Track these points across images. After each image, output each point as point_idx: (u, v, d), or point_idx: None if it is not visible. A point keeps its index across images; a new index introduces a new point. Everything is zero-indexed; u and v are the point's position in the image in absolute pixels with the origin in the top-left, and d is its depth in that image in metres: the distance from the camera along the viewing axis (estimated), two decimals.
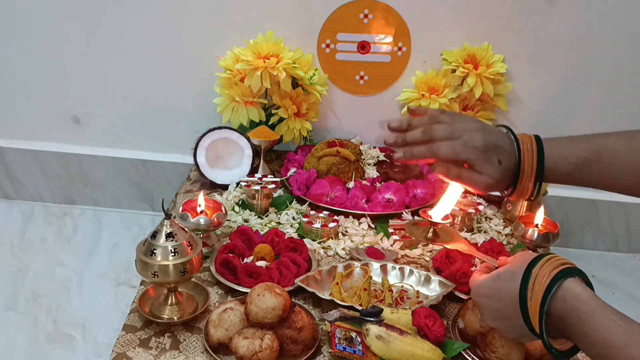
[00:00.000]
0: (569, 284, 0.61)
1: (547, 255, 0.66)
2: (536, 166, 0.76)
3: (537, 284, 0.62)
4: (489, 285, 0.69)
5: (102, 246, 1.34)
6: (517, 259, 0.69)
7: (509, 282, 0.66)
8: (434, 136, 0.79)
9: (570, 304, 0.60)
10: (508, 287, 0.66)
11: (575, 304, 0.60)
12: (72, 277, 1.23)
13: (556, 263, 0.63)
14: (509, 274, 0.67)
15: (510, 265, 0.69)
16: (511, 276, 0.66)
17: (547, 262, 0.64)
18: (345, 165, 1.21)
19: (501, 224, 1.16)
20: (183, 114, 1.42)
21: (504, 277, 0.68)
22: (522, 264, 0.66)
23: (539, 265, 0.64)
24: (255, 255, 0.95)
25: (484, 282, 0.70)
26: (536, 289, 0.62)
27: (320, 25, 1.32)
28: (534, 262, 0.65)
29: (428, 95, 1.31)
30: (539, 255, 0.66)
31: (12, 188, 1.50)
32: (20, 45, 1.36)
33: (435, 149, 0.78)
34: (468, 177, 0.78)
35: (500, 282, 0.68)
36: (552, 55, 1.32)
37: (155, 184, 1.48)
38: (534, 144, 0.78)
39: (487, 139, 0.77)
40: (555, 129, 1.38)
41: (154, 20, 1.32)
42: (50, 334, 1.08)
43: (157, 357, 0.77)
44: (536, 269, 0.64)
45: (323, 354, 0.78)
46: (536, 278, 0.63)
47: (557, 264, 0.63)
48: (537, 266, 0.64)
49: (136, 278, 0.91)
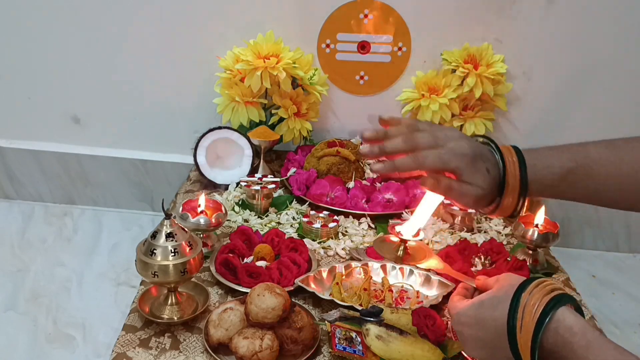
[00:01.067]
0: (561, 314, 0.57)
1: (536, 279, 0.62)
2: (519, 177, 0.70)
3: (527, 314, 0.58)
4: (471, 314, 0.65)
5: (102, 246, 1.34)
6: (502, 284, 0.64)
7: (493, 310, 0.62)
8: (417, 145, 0.70)
9: (563, 336, 0.56)
10: (492, 315, 0.62)
11: (569, 336, 0.56)
12: (72, 277, 1.23)
13: (546, 289, 0.60)
14: (494, 300, 0.63)
15: (494, 292, 0.64)
16: (496, 303, 0.62)
17: (537, 287, 0.60)
18: (345, 165, 1.22)
19: (501, 224, 1.16)
20: (183, 114, 1.42)
21: (487, 304, 0.63)
22: (507, 289, 0.62)
23: (527, 291, 0.60)
24: (255, 255, 0.95)
25: (466, 310, 0.66)
26: (526, 319, 0.58)
27: (320, 25, 1.32)
28: (522, 288, 0.61)
29: (428, 95, 1.31)
30: (526, 280, 0.62)
31: (12, 188, 1.50)
32: (20, 45, 1.36)
33: (421, 158, 0.69)
34: (458, 188, 0.70)
35: (484, 309, 0.63)
36: (552, 55, 1.32)
37: (155, 184, 1.48)
38: (514, 154, 0.71)
39: (474, 147, 0.70)
40: (555, 129, 1.39)
41: (154, 21, 1.32)
42: (50, 334, 1.08)
43: (157, 357, 0.77)
44: (525, 294, 0.60)
45: (323, 354, 0.78)
46: (525, 306, 0.59)
47: (547, 290, 0.59)
48: (527, 292, 0.60)
49: (136, 278, 0.91)
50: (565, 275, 1.02)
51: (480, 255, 0.99)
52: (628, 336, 1.14)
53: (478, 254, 0.99)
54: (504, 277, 0.66)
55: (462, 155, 0.69)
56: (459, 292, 0.72)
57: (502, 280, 0.65)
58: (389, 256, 0.76)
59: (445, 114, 1.30)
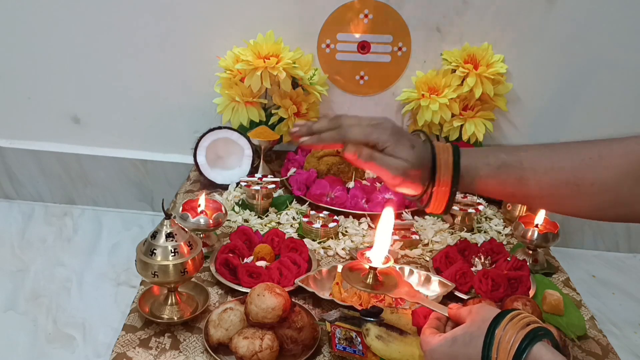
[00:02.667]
0: (537, 351, 0.55)
1: (510, 313, 0.59)
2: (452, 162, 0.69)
3: (502, 351, 0.56)
4: (444, 351, 0.62)
5: (102, 246, 1.34)
6: (474, 318, 0.62)
7: (466, 347, 0.60)
8: (342, 123, 0.73)
9: None
10: (466, 352, 0.60)
11: None
12: (72, 277, 1.23)
13: (521, 324, 0.58)
14: (467, 337, 0.60)
15: (467, 326, 0.62)
16: (469, 340, 0.60)
17: (511, 322, 0.58)
18: (345, 165, 1.22)
19: (501, 224, 1.16)
20: (183, 114, 1.42)
21: (460, 340, 0.61)
22: (479, 325, 0.60)
23: (501, 327, 0.58)
24: (255, 255, 0.95)
25: (438, 346, 0.63)
26: (501, 356, 0.56)
27: (320, 25, 1.32)
28: (496, 323, 0.59)
29: (428, 95, 1.31)
30: (500, 313, 0.60)
31: (12, 188, 1.50)
32: (20, 45, 1.36)
33: (343, 132, 0.72)
34: (380, 158, 0.70)
35: (457, 346, 0.61)
36: (552, 55, 1.32)
37: (155, 184, 1.48)
38: (449, 146, 0.71)
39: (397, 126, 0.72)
40: (555, 129, 1.39)
41: (154, 20, 1.32)
42: (50, 334, 1.08)
43: (157, 357, 0.77)
44: (499, 330, 0.58)
45: (323, 354, 0.78)
46: (500, 343, 0.57)
47: (522, 325, 0.57)
48: (500, 327, 0.58)
49: (136, 278, 0.91)
50: (565, 275, 1.02)
51: (480, 255, 0.99)
52: (628, 336, 1.14)
53: (478, 254, 0.99)
54: (477, 309, 0.63)
55: (384, 129, 0.71)
56: (431, 324, 0.69)
57: (475, 314, 0.62)
58: (359, 285, 0.73)
59: (445, 114, 1.30)
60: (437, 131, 1.37)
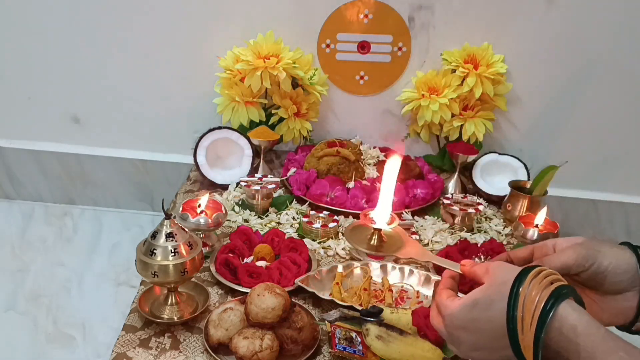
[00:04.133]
0: (563, 311, 0.53)
1: (533, 269, 0.57)
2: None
3: (527, 312, 0.54)
4: (465, 316, 0.59)
5: (102, 246, 1.34)
6: (494, 279, 0.59)
7: (488, 310, 0.57)
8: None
9: (567, 337, 0.52)
10: (488, 315, 0.57)
11: (573, 336, 0.52)
12: (72, 277, 1.23)
13: (545, 282, 0.55)
14: (488, 300, 0.58)
15: (487, 288, 0.59)
16: (490, 303, 0.57)
17: (535, 279, 0.55)
18: (345, 165, 1.22)
19: (501, 224, 1.16)
20: (183, 114, 1.42)
21: (482, 304, 0.58)
22: (500, 287, 0.57)
23: (525, 285, 0.55)
24: (255, 255, 0.95)
25: (459, 312, 0.60)
26: (527, 319, 0.54)
27: (320, 25, 1.32)
28: (519, 282, 0.56)
29: (428, 95, 1.31)
30: (522, 271, 0.57)
31: (12, 188, 1.50)
32: (20, 45, 1.36)
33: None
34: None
35: (478, 310, 0.58)
36: (552, 55, 1.32)
37: (155, 184, 1.48)
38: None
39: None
40: (555, 129, 1.39)
41: (154, 20, 1.32)
42: (50, 334, 1.08)
43: (157, 357, 0.77)
44: (523, 289, 0.55)
45: (323, 354, 0.78)
46: (524, 304, 0.54)
47: (546, 283, 0.55)
48: (524, 286, 0.55)
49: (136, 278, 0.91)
50: None
51: (480, 255, 0.99)
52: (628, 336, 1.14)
53: (478, 254, 0.99)
54: (494, 268, 0.60)
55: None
56: (446, 285, 0.66)
57: (493, 274, 0.59)
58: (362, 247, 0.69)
59: (445, 114, 1.30)
60: (437, 131, 1.37)
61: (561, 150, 1.39)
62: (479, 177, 1.28)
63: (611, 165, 1.42)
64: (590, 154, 1.41)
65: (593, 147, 1.40)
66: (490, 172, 1.30)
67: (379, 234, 0.69)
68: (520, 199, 1.15)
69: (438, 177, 1.26)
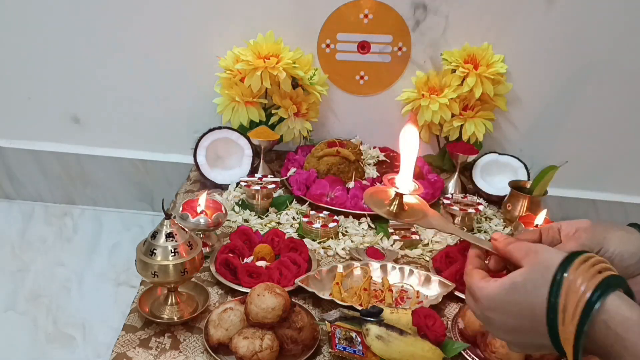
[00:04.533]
0: (612, 303, 0.48)
1: (579, 255, 0.52)
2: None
3: (571, 301, 0.49)
4: (502, 299, 0.55)
5: (102, 246, 1.34)
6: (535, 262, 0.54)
7: (528, 295, 0.53)
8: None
9: (614, 331, 0.48)
10: (528, 300, 0.53)
11: (621, 331, 0.48)
12: (72, 277, 1.23)
13: (593, 270, 0.50)
14: (529, 284, 0.53)
15: (527, 272, 0.54)
16: (532, 288, 0.53)
17: (582, 265, 0.51)
18: (345, 165, 1.22)
19: (501, 224, 1.16)
20: (183, 114, 1.42)
21: (521, 288, 0.54)
22: (543, 270, 0.52)
23: (571, 271, 0.50)
24: (255, 255, 0.95)
25: (495, 294, 0.56)
26: (569, 310, 0.49)
27: (320, 25, 1.32)
28: (563, 268, 0.51)
29: (428, 95, 1.31)
30: (568, 256, 0.52)
31: (12, 188, 1.50)
32: (20, 45, 1.36)
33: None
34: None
35: (518, 294, 0.54)
36: (552, 55, 1.32)
37: (155, 184, 1.48)
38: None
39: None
40: (555, 129, 1.39)
41: (154, 20, 1.32)
42: (50, 334, 1.08)
43: (157, 357, 0.77)
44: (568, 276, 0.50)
45: (323, 354, 0.78)
46: (568, 291, 0.50)
47: (594, 272, 0.50)
48: (570, 272, 0.50)
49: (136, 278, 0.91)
50: None
51: None
52: None
53: None
54: (535, 251, 0.55)
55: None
56: (474, 264, 0.61)
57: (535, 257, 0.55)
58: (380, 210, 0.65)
59: (445, 114, 1.30)
60: (437, 131, 1.37)
61: (561, 150, 1.39)
62: (479, 177, 1.28)
63: (611, 165, 1.42)
64: (590, 154, 1.41)
65: (593, 147, 1.40)
66: (490, 172, 1.30)
67: (400, 200, 0.65)
68: (520, 199, 1.15)
69: (438, 177, 1.26)
